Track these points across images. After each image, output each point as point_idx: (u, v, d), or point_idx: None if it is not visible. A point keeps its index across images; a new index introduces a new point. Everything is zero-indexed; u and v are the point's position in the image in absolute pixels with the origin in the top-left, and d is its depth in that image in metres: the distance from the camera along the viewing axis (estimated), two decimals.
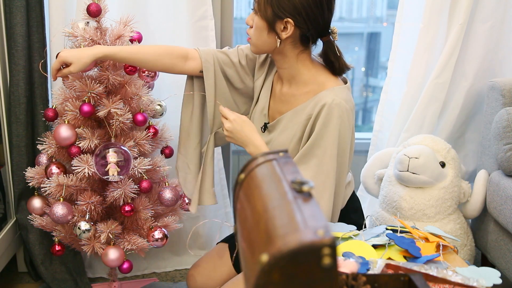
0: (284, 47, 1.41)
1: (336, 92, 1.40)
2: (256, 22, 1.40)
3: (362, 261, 1.18)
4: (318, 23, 1.37)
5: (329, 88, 1.41)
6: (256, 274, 0.59)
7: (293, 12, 1.34)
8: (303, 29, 1.37)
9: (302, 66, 1.44)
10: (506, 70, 2.04)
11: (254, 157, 0.81)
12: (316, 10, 1.35)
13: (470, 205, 1.89)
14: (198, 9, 1.87)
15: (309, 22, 1.36)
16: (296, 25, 1.35)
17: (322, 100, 1.39)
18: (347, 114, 1.39)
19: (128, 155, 1.52)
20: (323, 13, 1.36)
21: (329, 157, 1.39)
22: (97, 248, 1.55)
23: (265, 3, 1.36)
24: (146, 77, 1.63)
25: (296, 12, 1.34)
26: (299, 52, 1.42)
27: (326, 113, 1.37)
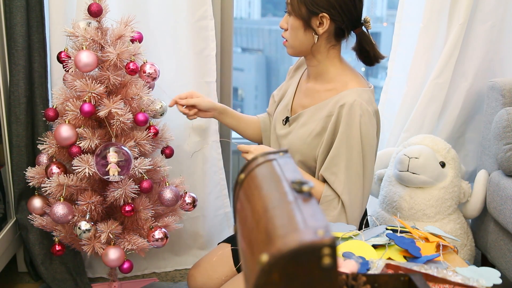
0: (320, 43, 1.44)
1: (359, 93, 1.42)
2: (291, 23, 1.44)
3: (362, 261, 1.18)
4: (352, 14, 1.41)
5: (352, 88, 1.43)
6: (256, 274, 0.59)
7: (328, 7, 1.38)
8: (339, 22, 1.41)
9: (330, 63, 1.47)
10: (506, 70, 2.04)
11: (254, 157, 0.81)
12: (349, 2, 1.39)
13: (470, 205, 1.89)
14: (198, 9, 1.88)
15: (343, 14, 1.39)
16: (331, 18, 1.39)
17: (343, 99, 1.41)
18: (368, 115, 1.40)
19: (128, 155, 1.52)
20: (355, 4, 1.40)
21: (356, 157, 1.41)
22: (97, 248, 1.55)
23: (298, 2, 1.40)
24: (147, 78, 1.63)
25: (331, 6, 1.38)
26: (330, 47, 1.45)
27: (347, 113, 1.39)
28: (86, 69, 1.52)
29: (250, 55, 4.00)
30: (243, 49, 3.95)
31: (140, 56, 1.62)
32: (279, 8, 3.81)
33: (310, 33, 1.42)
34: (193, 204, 1.74)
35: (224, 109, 1.70)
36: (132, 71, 1.57)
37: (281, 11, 3.76)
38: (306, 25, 1.41)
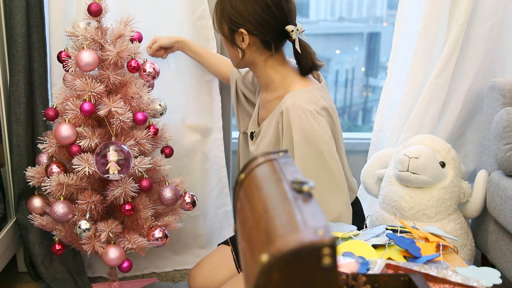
0: (251, 56, 1.44)
1: (297, 95, 1.38)
2: (222, 40, 1.49)
3: (362, 261, 1.18)
4: (272, 26, 1.39)
5: (292, 91, 1.40)
6: (256, 274, 0.59)
7: (244, 22, 1.38)
8: (260, 35, 1.39)
9: (271, 71, 1.46)
10: (506, 70, 2.04)
11: (254, 157, 0.81)
12: (265, 15, 1.37)
13: (470, 205, 1.89)
14: (197, 8, 1.88)
15: (261, 28, 1.38)
16: (250, 33, 1.39)
17: (283, 105, 1.38)
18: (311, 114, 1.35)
19: (128, 154, 1.52)
20: (273, 15, 1.37)
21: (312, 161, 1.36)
22: (97, 247, 1.56)
23: (219, 21, 1.43)
24: (147, 76, 1.64)
25: (247, 22, 1.37)
26: (266, 58, 1.44)
27: (285, 118, 1.37)
28: (87, 68, 1.52)
29: None
30: None
31: (140, 55, 1.62)
32: None
33: (236, 49, 1.44)
34: (193, 204, 1.74)
35: (186, 42, 1.84)
36: (134, 69, 1.58)
37: None
38: (231, 41, 1.43)
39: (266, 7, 1.36)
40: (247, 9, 1.36)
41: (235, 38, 1.42)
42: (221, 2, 1.42)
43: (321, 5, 3.73)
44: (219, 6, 1.43)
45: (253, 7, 1.36)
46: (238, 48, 1.43)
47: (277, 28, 1.39)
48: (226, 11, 1.39)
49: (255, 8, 1.36)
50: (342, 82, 3.78)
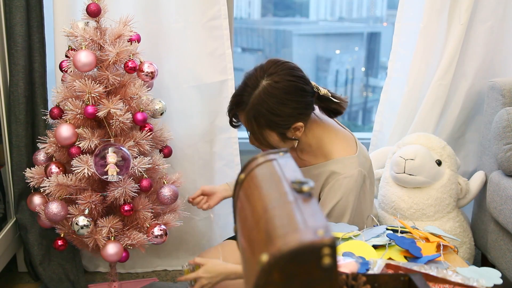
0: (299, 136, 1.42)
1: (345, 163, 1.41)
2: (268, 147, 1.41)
3: (362, 261, 1.18)
4: (311, 101, 1.39)
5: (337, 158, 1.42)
6: (256, 274, 0.59)
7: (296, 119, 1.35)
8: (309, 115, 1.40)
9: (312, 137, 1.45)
10: (506, 70, 2.04)
11: (254, 157, 0.81)
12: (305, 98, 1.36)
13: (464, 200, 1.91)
14: (209, 9, 1.87)
15: (307, 110, 1.38)
16: (304, 121, 1.37)
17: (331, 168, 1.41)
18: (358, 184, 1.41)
19: (127, 156, 1.52)
20: (308, 93, 1.37)
21: None
22: (98, 241, 1.56)
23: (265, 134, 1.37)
24: (145, 77, 1.64)
25: (297, 115, 1.35)
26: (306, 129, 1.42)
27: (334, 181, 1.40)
28: (85, 69, 1.52)
29: (250, 55, 4.00)
30: (243, 49, 3.96)
31: (138, 56, 1.62)
32: (279, 8, 3.82)
33: (290, 141, 1.41)
34: None
35: None
36: (131, 69, 1.57)
37: (281, 11, 3.77)
38: (284, 140, 1.40)
39: (303, 91, 1.35)
40: (291, 106, 1.33)
41: (287, 135, 1.38)
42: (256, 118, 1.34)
43: (321, 5, 3.73)
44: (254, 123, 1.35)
45: (295, 100, 1.33)
46: (294, 139, 1.40)
47: (313, 100, 1.40)
48: (271, 121, 1.34)
49: (296, 100, 1.34)
50: (342, 82, 3.78)
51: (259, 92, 1.32)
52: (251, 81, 1.34)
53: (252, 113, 1.34)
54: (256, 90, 1.32)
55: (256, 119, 1.34)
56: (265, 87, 1.32)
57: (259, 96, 1.32)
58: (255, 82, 1.33)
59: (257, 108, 1.32)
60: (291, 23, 3.61)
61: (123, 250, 1.59)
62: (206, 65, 1.92)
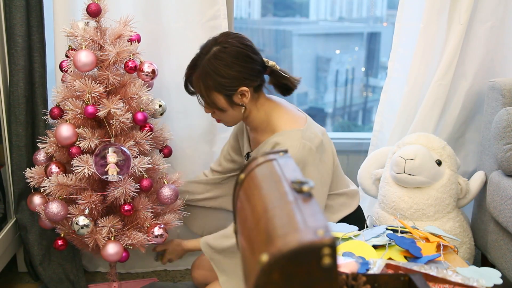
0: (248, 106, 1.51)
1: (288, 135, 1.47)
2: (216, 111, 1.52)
3: (362, 261, 1.18)
4: (259, 70, 1.49)
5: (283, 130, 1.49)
6: (256, 274, 0.59)
7: (240, 82, 1.45)
8: (255, 83, 1.48)
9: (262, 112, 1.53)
10: (506, 70, 2.04)
11: (254, 157, 0.81)
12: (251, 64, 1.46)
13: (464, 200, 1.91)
14: (208, 9, 1.87)
15: (253, 77, 1.47)
16: (248, 86, 1.46)
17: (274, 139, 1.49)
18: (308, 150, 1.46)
19: (127, 155, 1.52)
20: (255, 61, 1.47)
21: None
22: (98, 241, 1.56)
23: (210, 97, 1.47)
24: (145, 77, 1.64)
25: (242, 79, 1.45)
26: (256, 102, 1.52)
27: None
28: (85, 68, 1.52)
29: None
30: None
31: (138, 56, 1.62)
32: (279, 8, 3.82)
33: (238, 107, 1.49)
34: None
35: None
36: (131, 69, 1.57)
37: (281, 11, 3.77)
38: (230, 106, 1.48)
39: (249, 58, 1.46)
40: (236, 69, 1.44)
41: (234, 100, 1.48)
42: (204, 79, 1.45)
43: (321, 5, 3.73)
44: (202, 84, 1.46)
45: (240, 65, 1.44)
46: (240, 105, 1.49)
47: (261, 68, 1.50)
48: (217, 83, 1.44)
49: (242, 65, 1.44)
50: (342, 82, 3.78)
51: (209, 56, 1.45)
52: (205, 49, 1.48)
53: (200, 74, 1.46)
54: (207, 55, 1.46)
55: (204, 81, 1.46)
56: (215, 52, 1.45)
57: (208, 59, 1.45)
58: (207, 49, 1.47)
59: (205, 70, 1.45)
60: (291, 23, 3.61)
61: (123, 250, 1.59)
62: None
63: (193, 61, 1.50)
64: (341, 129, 3.73)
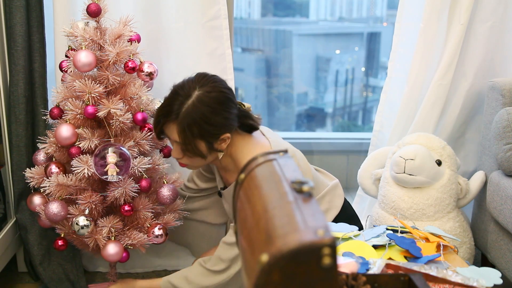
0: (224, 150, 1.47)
1: None
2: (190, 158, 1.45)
3: (362, 261, 1.18)
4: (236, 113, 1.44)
5: None
6: (256, 274, 0.59)
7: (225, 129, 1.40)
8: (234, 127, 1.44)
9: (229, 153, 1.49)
10: (506, 70, 2.04)
11: (255, 157, 0.81)
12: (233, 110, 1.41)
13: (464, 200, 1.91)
14: (209, 9, 1.87)
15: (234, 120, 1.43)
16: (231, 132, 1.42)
17: None
18: None
19: (127, 156, 1.52)
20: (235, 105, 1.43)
21: None
22: (99, 241, 1.56)
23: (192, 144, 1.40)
24: (145, 77, 1.64)
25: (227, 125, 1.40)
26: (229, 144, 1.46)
27: None
28: (85, 69, 1.52)
29: (250, 55, 4.01)
30: (243, 49, 3.96)
31: (138, 56, 1.62)
32: (279, 8, 3.82)
33: (214, 153, 1.46)
34: None
35: None
36: (131, 69, 1.57)
37: (281, 11, 3.77)
38: (210, 151, 1.44)
39: (232, 103, 1.41)
40: (223, 116, 1.38)
41: (214, 147, 1.43)
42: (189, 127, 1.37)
43: (321, 5, 3.73)
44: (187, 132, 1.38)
45: (226, 111, 1.38)
46: (219, 151, 1.45)
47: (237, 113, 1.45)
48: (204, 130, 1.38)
49: (227, 110, 1.39)
50: (342, 82, 3.78)
51: (192, 101, 1.36)
52: (182, 91, 1.38)
53: (186, 122, 1.36)
54: (188, 99, 1.36)
55: (190, 128, 1.37)
56: (199, 96, 1.36)
57: (193, 105, 1.36)
58: (187, 92, 1.37)
59: (191, 116, 1.36)
60: (291, 23, 3.61)
61: (124, 250, 1.59)
62: (206, 65, 1.92)
63: (169, 106, 1.39)
64: (341, 129, 3.73)
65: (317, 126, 3.76)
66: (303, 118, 3.71)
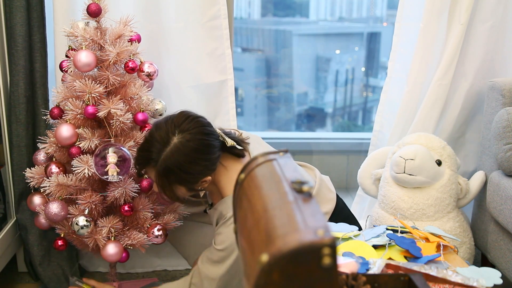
0: None
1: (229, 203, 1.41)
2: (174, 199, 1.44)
3: (362, 261, 1.18)
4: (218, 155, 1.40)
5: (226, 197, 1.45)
6: (256, 274, 0.59)
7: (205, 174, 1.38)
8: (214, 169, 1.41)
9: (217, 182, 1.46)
10: (506, 70, 2.04)
11: (254, 157, 0.81)
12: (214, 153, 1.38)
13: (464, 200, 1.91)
14: (209, 9, 1.87)
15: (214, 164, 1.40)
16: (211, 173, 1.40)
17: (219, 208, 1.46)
18: None
19: (127, 156, 1.52)
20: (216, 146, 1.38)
21: None
22: (98, 241, 1.56)
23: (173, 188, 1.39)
24: (146, 77, 1.64)
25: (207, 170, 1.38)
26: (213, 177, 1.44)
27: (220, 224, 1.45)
28: (85, 69, 1.52)
29: (250, 55, 4.01)
30: (243, 49, 3.96)
31: (138, 56, 1.62)
32: (279, 8, 3.82)
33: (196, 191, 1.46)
34: None
35: None
36: (131, 69, 1.58)
37: (281, 11, 3.77)
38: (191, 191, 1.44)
39: (212, 148, 1.37)
40: (202, 164, 1.36)
41: (194, 188, 1.42)
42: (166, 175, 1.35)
43: (321, 5, 3.73)
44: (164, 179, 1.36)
45: (205, 158, 1.36)
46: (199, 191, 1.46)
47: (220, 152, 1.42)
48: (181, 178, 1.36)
49: (205, 158, 1.36)
50: (342, 82, 3.78)
51: (170, 149, 1.33)
52: (160, 136, 1.34)
53: (162, 170, 1.34)
54: (167, 147, 1.33)
55: (167, 176, 1.35)
56: (176, 145, 1.33)
57: (170, 154, 1.32)
58: (165, 138, 1.34)
59: (168, 166, 1.33)
60: (291, 23, 3.61)
61: (123, 250, 1.60)
62: (206, 65, 1.92)
63: (147, 152, 1.36)
64: (341, 129, 3.73)
65: (317, 126, 3.76)
66: (303, 118, 3.71)
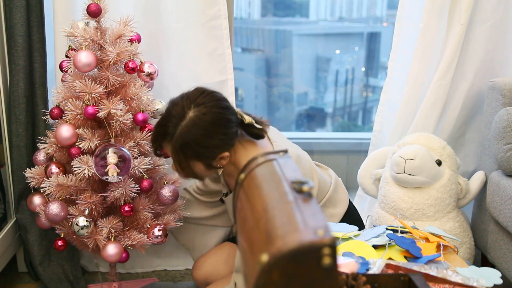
0: None
1: None
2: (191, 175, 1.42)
3: (362, 261, 1.18)
4: (235, 130, 1.38)
5: None
6: (256, 274, 0.59)
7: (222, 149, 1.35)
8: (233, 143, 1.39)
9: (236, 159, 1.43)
10: (506, 70, 2.04)
11: (254, 157, 0.81)
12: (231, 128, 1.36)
13: (464, 200, 1.91)
14: (209, 9, 1.87)
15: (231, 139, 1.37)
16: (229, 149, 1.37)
17: None
18: None
19: (128, 156, 1.52)
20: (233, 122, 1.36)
21: None
22: (98, 241, 1.56)
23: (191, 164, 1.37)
24: (146, 77, 1.64)
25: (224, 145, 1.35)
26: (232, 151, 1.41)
27: None
28: (85, 69, 1.52)
29: (250, 55, 4.01)
30: (243, 49, 3.96)
31: (138, 56, 1.62)
32: (279, 8, 3.82)
33: (215, 169, 1.42)
34: None
35: None
36: (131, 70, 1.58)
37: (281, 11, 3.77)
38: (209, 168, 1.40)
39: (229, 122, 1.35)
40: (218, 138, 1.34)
41: (213, 165, 1.39)
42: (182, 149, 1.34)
43: (321, 5, 3.73)
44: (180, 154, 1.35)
45: (221, 132, 1.34)
46: (218, 168, 1.42)
47: (236, 128, 1.40)
48: (198, 152, 1.34)
49: (222, 132, 1.34)
50: (342, 82, 3.78)
51: (186, 123, 1.31)
52: (177, 111, 1.33)
53: (179, 144, 1.33)
54: (182, 121, 1.32)
55: (183, 150, 1.34)
56: (192, 119, 1.31)
57: (186, 127, 1.31)
58: (181, 113, 1.32)
59: (184, 139, 1.32)
60: (291, 23, 3.61)
61: (123, 250, 1.59)
62: (206, 65, 1.92)
63: (164, 127, 1.35)
64: (341, 129, 3.73)
65: (317, 126, 3.76)
66: (303, 118, 3.71)
